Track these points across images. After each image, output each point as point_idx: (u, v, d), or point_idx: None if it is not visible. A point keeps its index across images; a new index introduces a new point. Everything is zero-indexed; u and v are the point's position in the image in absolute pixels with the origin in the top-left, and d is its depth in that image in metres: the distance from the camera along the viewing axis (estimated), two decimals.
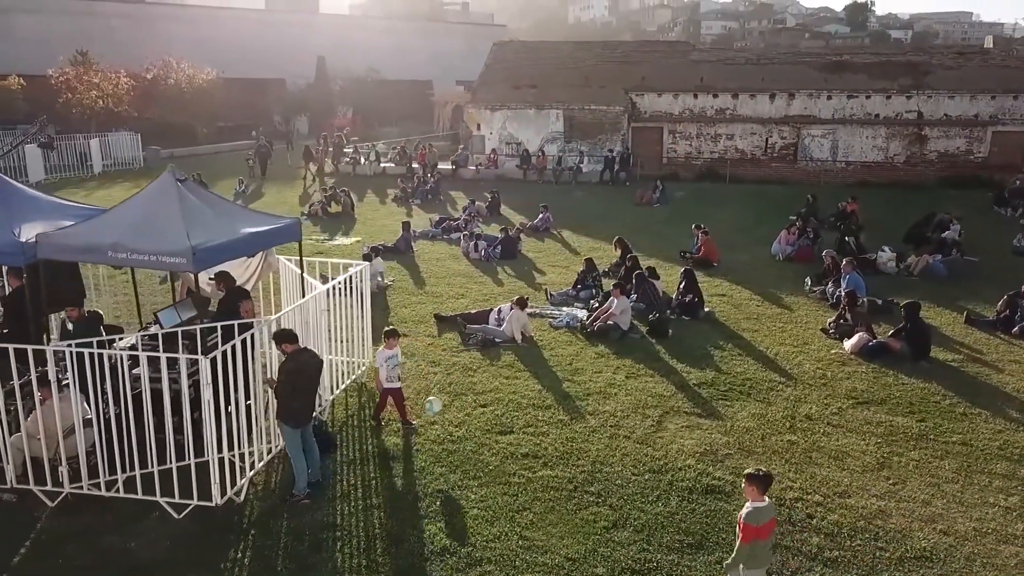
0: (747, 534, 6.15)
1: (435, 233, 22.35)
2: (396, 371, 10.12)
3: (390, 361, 10.00)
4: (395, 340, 10.22)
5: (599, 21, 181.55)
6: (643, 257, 19.53)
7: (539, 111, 36.42)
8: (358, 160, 35.62)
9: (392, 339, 10.17)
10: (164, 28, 59.72)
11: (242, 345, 8.28)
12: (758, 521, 6.16)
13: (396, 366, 10.11)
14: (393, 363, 10.04)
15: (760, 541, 6.22)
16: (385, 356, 10.02)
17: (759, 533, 6.17)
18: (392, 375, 10.07)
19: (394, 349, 10.14)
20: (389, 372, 10.02)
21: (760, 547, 6.26)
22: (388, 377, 10.05)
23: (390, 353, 10.05)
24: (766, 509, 6.25)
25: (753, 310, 15.55)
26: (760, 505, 6.21)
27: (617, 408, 10.85)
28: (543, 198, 28.57)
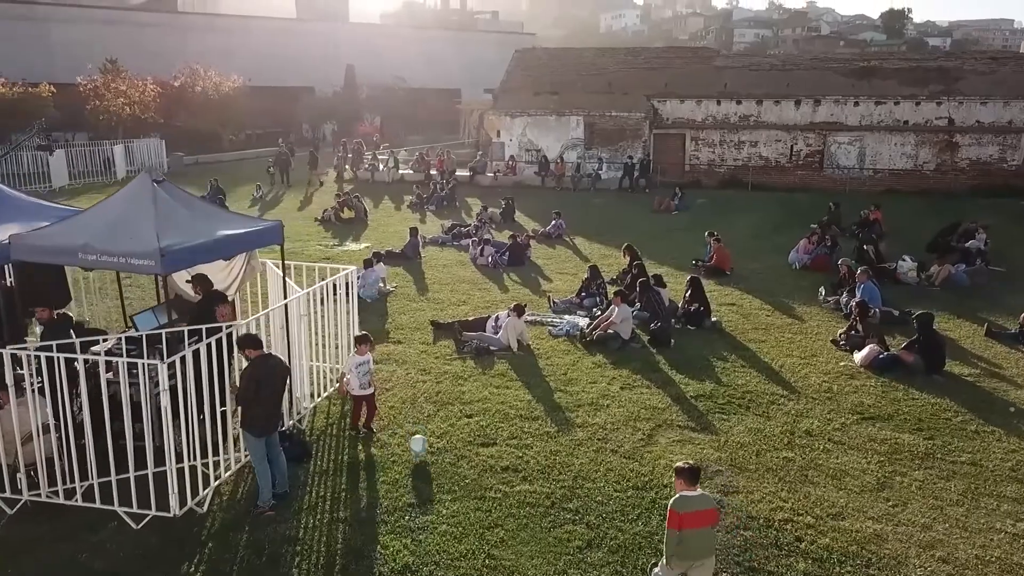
0: (671, 520, 6.33)
1: (445, 239, 22.07)
2: (367, 378, 9.84)
3: (360, 368, 9.74)
4: (366, 346, 9.94)
5: (631, 30, 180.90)
6: (655, 265, 19.17)
7: (560, 118, 36.08)
8: (376, 167, 35.53)
9: (363, 345, 9.90)
10: (196, 37, 60.41)
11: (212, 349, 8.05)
12: (682, 507, 6.32)
13: (367, 372, 9.83)
14: (364, 369, 9.76)
15: (688, 530, 6.30)
16: (356, 362, 9.76)
17: (683, 521, 6.28)
18: (364, 381, 9.79)
19: (365, 355, 9.86)
20: (360, 379, 9.75)
21: (689, 537, 6.32)
22: (361, 384, 9.77)
23: (360, 359, 9.79)
24: (695, 499, 6.41)
25: (762, 320, 15.00)
26: (688, 494, 6.40)
27: (607, 420, 10.41)
28: (560, 205, 28.24)
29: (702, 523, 6.37)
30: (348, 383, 9.89)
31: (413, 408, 10.72)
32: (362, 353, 9.84)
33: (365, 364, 9.80)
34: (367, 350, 9.92)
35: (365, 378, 9.79)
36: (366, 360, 9.84)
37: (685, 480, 6.44)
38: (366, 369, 9.80)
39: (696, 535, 6.34)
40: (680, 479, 6.49)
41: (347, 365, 9.93)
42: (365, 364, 9.80)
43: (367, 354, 9.90)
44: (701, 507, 6.40)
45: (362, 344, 9.89)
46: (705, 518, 6.39)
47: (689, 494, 6.41)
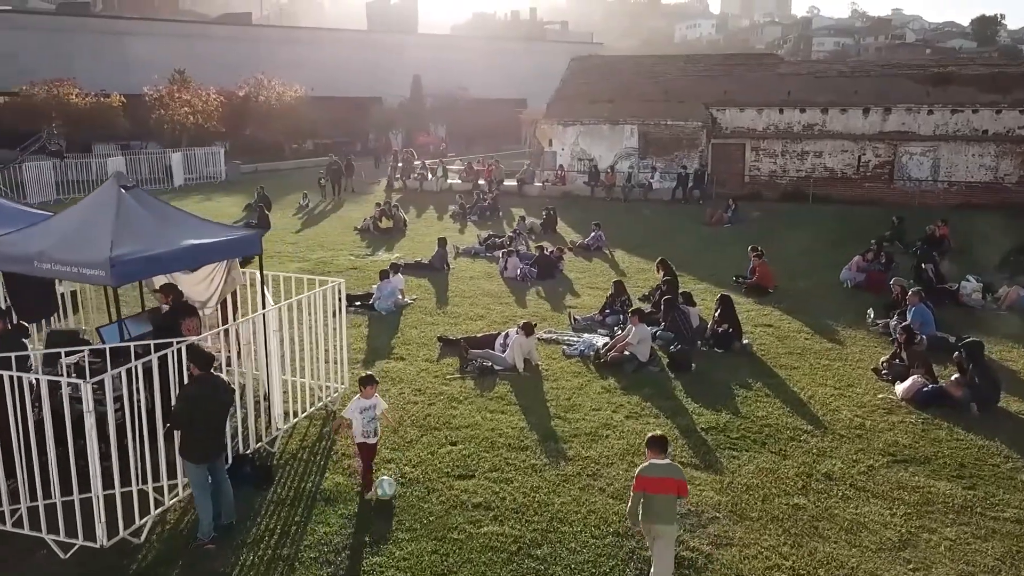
0: (636, 483, 6.75)
1: (478, 251, 21.37)
2: (373, 425, 8.42)
3: (366, 414, 8.36)
4: (372, 388, 8.49)
5: (706, 39, 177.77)
6: (693, 281, 18.11)
7: (614, 126, 35.08)
8: (425, 176, 35.16)
9: (368, 387, 8.46)
10: (267, 49, 61.56)
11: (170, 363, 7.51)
12: (646, 472, 6.71)
13: (374, 419, 8.42)
14: (369, 416, 8.37)
15: (650, 494, 6.64)
16: (360, 407, 8.38)
17: (647, 485, 6.65)
18: (368, 429, 8.39)
19: (371, 399, 8.45)
20: (365, 426, 8.37)
21: (652, 501, 6.65)
22: (365, 431, 8.40)
23: (366, 404, 8.40)
24: (661, 467, 6.76)
25: (799, 344, 13.75)
26: (656, 461, 6.79)
27: (602, 453, 9.46)
28: (608, 216, 27.35)
29: (665, 490, 6.65)
30: (350, 427, 8.51)
31: (396, 433, 9.98)
32: (367, 396, 8.44)
33: (371, 409, 8.42)
34: (373, 392, 8.53)
35: (371, 425, 8.41)
36: (372, 405, 8.46)
37: (654, 450, 6.84)
38: (372, 415, 8.42)
39: (658, 500, 6.64)
40: (650, 449, 6.89)
41: (349, 409, 8.46)
42: (371, 409, 8.42)
43: (373, 397, 8.51)
44: (665, 475, 6.70)
45: (367, 386, 8.47)
46: (668, 486, 6.67)
47: (657, 462, 6.78)
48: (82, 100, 42.95)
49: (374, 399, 8.51)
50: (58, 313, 11.89)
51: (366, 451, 8.53)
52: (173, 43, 56.43)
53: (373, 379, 8.66)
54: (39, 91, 42.43)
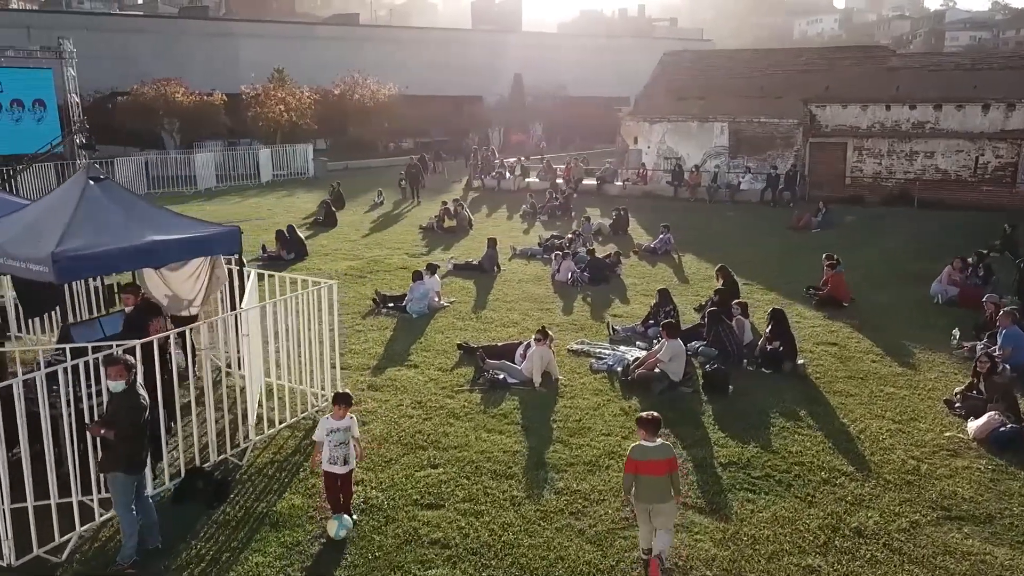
0: (627, 465, 6.79)
1: (535, 252, 20.35)
2: (342, 451, 7.39)
3: (333, 436, 7.37)
4: (343, 409, 7.45)
5: (827, 35, 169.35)
6: (763, 290, 16.60)
7: (703, 124, 33.28)
8: (503, 175, 34.37)
9: (340, 407, 7.46)
10: (371, 49, 62.34)
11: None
12: (639, 456, 6.69)
13: (342, 443, 7.40)
14: (337, 439, 7.38)
15: (642, 476, 6.65)
16: (327, 428, 7.40)
17: (638, 467, 6.65)
18: (336, 455, 7.38)
19: (342, 420, 7.45)
20: (332, 451, 7.37)
21: (644, 482, 6.66)
22: (332, 458, 7.38)
23: (334, 425, 7.41)
24: (652, 449, 6.71)
25: (864, 367, 12.07)
26: (647, 444, 6.74)
27: (596, 487, 8.31)
28: (687, 218, 25.97)
29: (656, 471, 6.64)
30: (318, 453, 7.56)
31: (376, 451, 9.14)
32: (337, 417, 7.44)
33: (339, 432, 7.41)
34: (345, 413, 7.47)
35: (339, 451, 7.37)
36: (341, 427, 7.42)
37: (646, 431, 6.78)
38: (341, 439, 7.40)
39: (649, 481, 6.64)
40: (642, 429, 6.82)
41: (318, 431, 7.53)
42: (339, 432, 7.41)
43: (345, 418, 7.46)
44: (656, 456, 6.67)
45: (339, 405, 7.47)
46: (659, 467, 6.65)
47: (648, 444, 6.73)
48: (187, 99, 44.56)
49: (346, 421, 7.47)
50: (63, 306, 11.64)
51: (330, 480, 7.49)
52: (281, 44, 57.84)
53: (347, 398, 7.61)
54: (148, 90, 44.26)
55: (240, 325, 8.81)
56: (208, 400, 8.52)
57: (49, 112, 31.12)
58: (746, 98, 32.99)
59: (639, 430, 6.92)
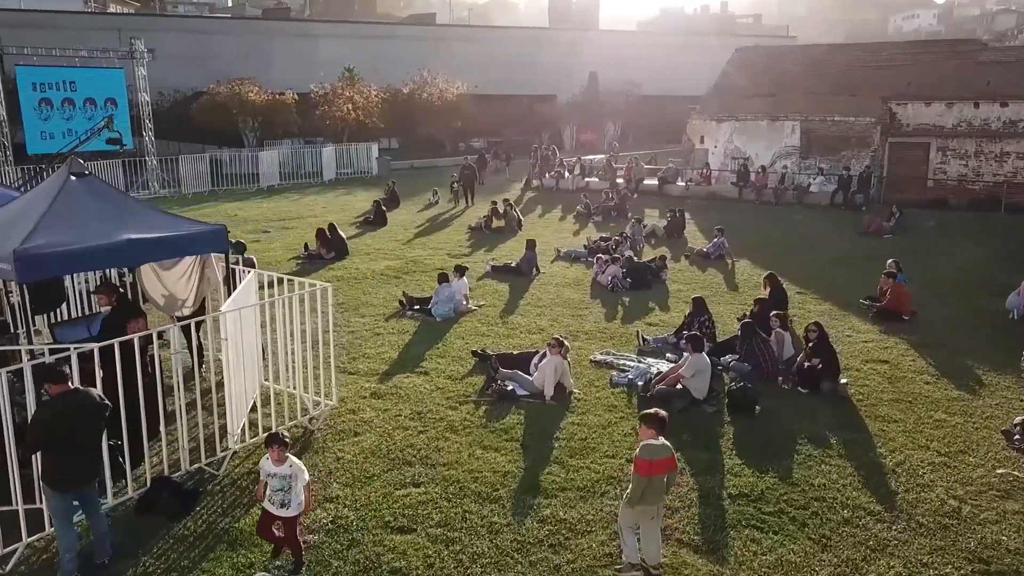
0: (641, 468, 6.44)
1: (580, 254, 19.57)
2: (279, 496, 6.61)
3: (271, 481, 6.63)
4: (277, 450, 6.54)
5: (925, 31, 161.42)
6: (817, 300, 15.52)
7: (773, 123, 31.76)
8: (562, 174, 33.59)
9: (273, 448, 6.56)
10: (445, 48, 62.46)
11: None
12: (651, 455, 6.44)
13: (282, 490, 6.60)
14: (275, 485, 6.61)
15: (655, 477, 6.44)
16: (265, 471, 6.70)
17: (652, 468, 6.42)
18: (275, 499, 6.64)
19: (280, 467, 6.57)
20: (271, 494, 6.66)
21: (655, 483, 6.46)
22: (270, 498, 6.69)
23: (271, 469, 6.62)
24: (660, 447, 6.51)
25: (915, 389, 10.90)
26: (653, 442, 6.52)
27: (584, 516, 7.57)
28: (751, 220, 24.83)
29: (663, 470, 6.53)
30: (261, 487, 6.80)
31: (360, 465, 8.62)
32: (275, 461, 6.60)
33: (277, 478, 6.60)
34: (281, 457, 6.57)
35: (278, 496, 6.62)
36: (280, 474, 6.59)
37: (655, 429, 6.56)
38: (278, 485, 6.60)
39: (657, 481, 6.49)
40: (649, 427, 6.58)
41: (262, 467, 6.80)
42: (277, 478, 6.60)
43: (285, 465, 6.60)
44: (664, 455, 6.53)
45: (272, 448, 6.58)
46: (665, 465, 6.53)
47: (653, 442, 6.53)
48: (259, 98, 45.41)
49: (285, 468, 6.58)
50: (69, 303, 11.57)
51: (266, 519, 6.75)
52: (357, 44, 58.42)
53: (279, 440, 6.63)
54: (223, 90, 45.30)
55: (223, 327, 8.38)
56: (178, 405, 8.12)
57: (120, 110, 31.99)
58: (820, 96, 31.33)
59: (645, 428, 6.62)
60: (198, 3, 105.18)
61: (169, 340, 9.52)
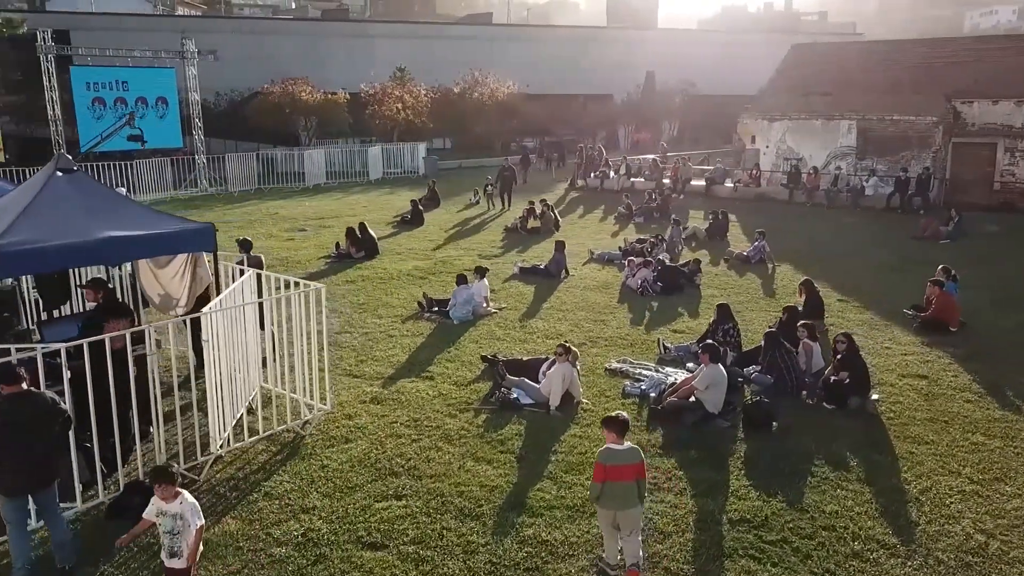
0: (596, 473, 6.37)
1: (614, 256, 18.95)
2: (171, 541, 5.83)
3: (162, 523, 5.87)
4: (168, 488, 5.82)
5: (1004, 27, 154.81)
6: (858, 309, 14.74)
7: (828, 122, 30.50)
8: (607, 174, 32.90)
9: (162, 486, 5.83)
10: (499, 47, 62.30)
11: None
12: (606, 460, 6.32)
13: (169, 532, 5.81)
14: (165, 526, 5.84)
15: (611, 483, 6.27)
16: (154, 511, 5.90)
17: (607, 473, 6.28)
18: (166, 544, 5.88)
19: (172, 504, 5.83)
20: (162, 537, 5.93)
21: (612, 488, 6.29)
22: (161, 546, 5.96)
23: (161, 507, 5.85)
24: (622, 453, 6.35)
25: (953, 407, 10.06)
26: (615, 447, 6.36)
27: (568, 538, 7.07)
28: (799, 223, 23.98)
29: (624, 477, 6.32)
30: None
31: (344, 474, 8.28)
32: (164, 498, 5.84)
33: (167, 518, 5.82)
34: (173, 495, 5.84)
35: (169, 540, 5.83)
36: (171, 512, 5.82)
37: (615, 432, 6.42)
38: (168, 526, 5.81)
39: (617, 487, 6.31)
40: (610, 431, 6.44)
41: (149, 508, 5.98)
42: (167, 518, 5.82)
43: (175, 502, 5.83)
44: (626, 461, 6.35)
45: (159, 483, 5.84)
46: (628, 472, 6.34)
47: (616, 447, 6.39)
48: (311, 97, 45.84)
49: (175, 505, 5.83)
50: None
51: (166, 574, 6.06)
52: (413, 44, 58.58)
53: (167, 475, 5.89)
54: (277, 90, 45.89)
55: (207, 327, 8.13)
56: (154, 407, 7.88)
57: (171, 109, 32.55)
58: (879, 93, 29.94)
59: (607, 432, 6.51)
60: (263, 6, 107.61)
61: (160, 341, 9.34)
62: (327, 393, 9.69)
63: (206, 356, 8.06)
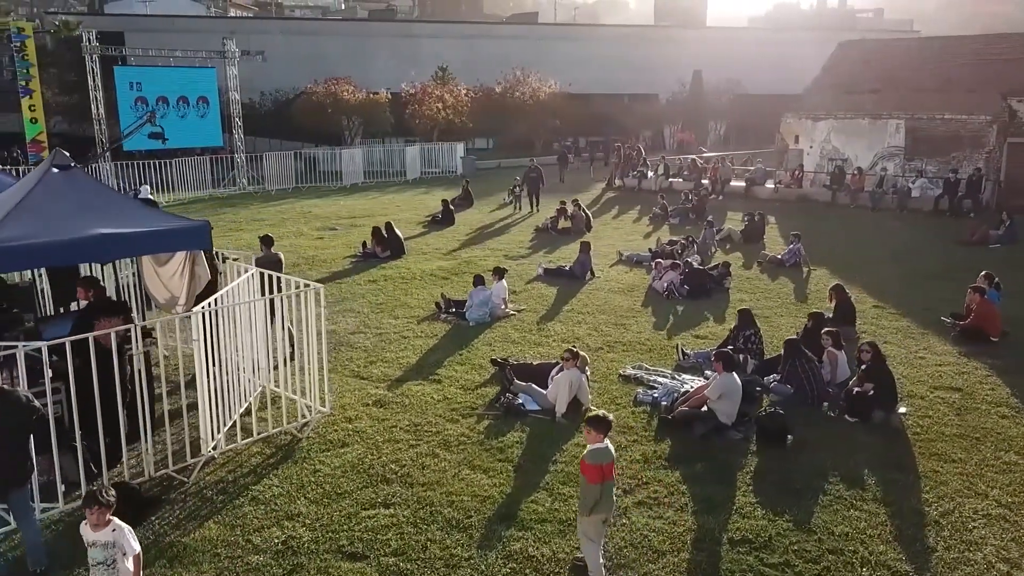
0: (594, 474, 6.05)
1: (643, 258, 18.48)
2: (101, 573, 5.37)
3: (94, 553, 5.35)
4: (101, 513, 5.30)
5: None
6: (894, 316, 14.09)
7: (875, 121, 29.50)
8: (644, 174, 32.32)
9: (94, 510, 5.29)
10: (546, 46, 61.89)
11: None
12: (603, 459, 6.12)
13: (100, 564, 5.35)
14: (95, 557, 5.35)
15: (608, 482, 6.13)
16: (88, 539, 5.39)
17: (605, 473, 6.09)
18: None
19: (102, 532, 5.32)
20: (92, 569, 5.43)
21: (608, 488, 6.16)
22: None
23: (90, 537, 5.36)
24: (606, 451, 6.19)
25: (987, 423, 9.45)
26: (599, 446, 6.17)
27: (556, 554, 6.74)
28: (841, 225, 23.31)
29: (612, 474, 6.29)
30: None
31: (335, 479, 8.06)
32: (95, 526, 5.34)
33: (97, 548, 5.34)
34: (104, 521, 5.33)
35: (99, 572, 5.37)
36: (101, 541, 5.33)
37: (602, 432, 6.21)
38: (99, 557, 5.32)
39: (609, 487, 6.22)
40: (595, 430, 6.20)
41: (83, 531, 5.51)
42: (97, 548, 5.34)
43: (107, 529, 5.34)
44: (612, 459, 6.28)
45: (90, 508, 5.31)
46: (612, 469, 6.30)
47: (599, 446, 6.20)
48: (353, 97, 46.10)
49: (106, 533, 5.32)
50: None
51: None
52: (457, 43, 58.49)
53: (97, 499, 5.28)
54: (320, 89, 46.26)
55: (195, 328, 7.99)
56: (141, 408, 7.74)
57: (211, 108, 32.97)
58: (929, 92, 28.86)
59: (593, 433, 6.17)
60: (313, 7, 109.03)
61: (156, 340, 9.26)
62: (326, 395, 9.50)
63: (195, 356, 7.92)
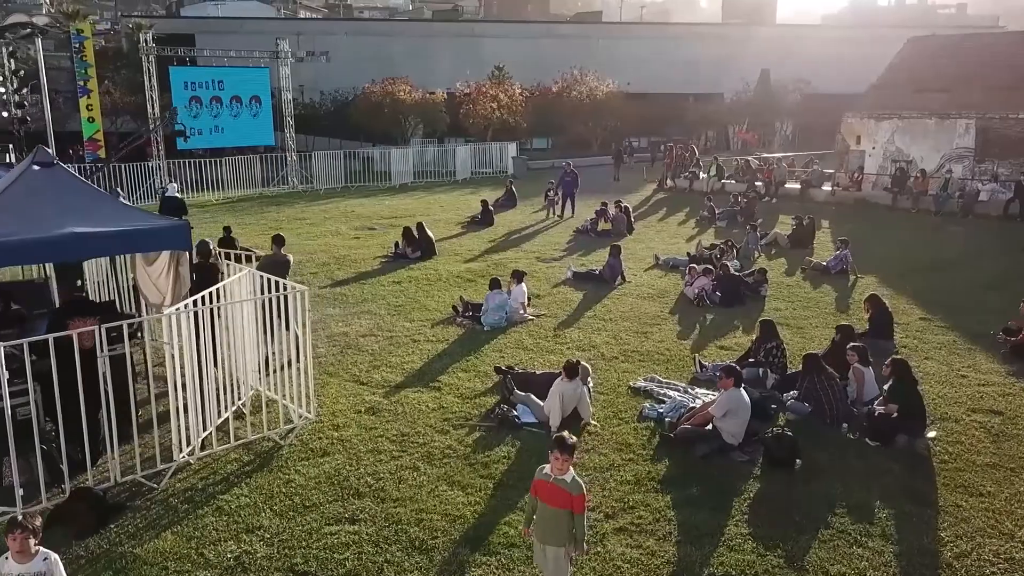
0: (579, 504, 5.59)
1: (680, 262, 17.74)
2: None
3: None
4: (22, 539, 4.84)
5: None
6: (942, 331, 13.14)
7: (943, 121, 27.93)
8: (696, 175, 31.34)
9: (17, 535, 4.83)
10: (608, 45, 61.25)
11: None
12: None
13: None
14: None
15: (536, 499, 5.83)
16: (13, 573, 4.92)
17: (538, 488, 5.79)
18: None
19: (26, 563, 4.88)
20: None
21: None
22: None
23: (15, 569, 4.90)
24: None
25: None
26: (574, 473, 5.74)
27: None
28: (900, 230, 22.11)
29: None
30: None
31: (307, 491, 7.73)
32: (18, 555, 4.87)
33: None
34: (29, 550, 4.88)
35: None
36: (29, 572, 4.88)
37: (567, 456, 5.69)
38: None
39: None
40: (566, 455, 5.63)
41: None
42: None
43: (37, 560, 4.92)
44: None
45: (12, 534, 4.85)
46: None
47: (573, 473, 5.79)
48: (408, 97, 46.27)
49: (37, 564, 4.90)
50: None
51: None
52: (519, 43, 58.34)
53: (21, 525, 4.85)
54: (377, 89, 46.59)
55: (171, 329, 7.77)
56: (105, 410, 7.53)
57: (263, 108, 33.39)
58: (1003, 90, 27.17)
59: (562, 456, 5.54)
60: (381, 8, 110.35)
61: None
62: (312, 401, 9.20)
63: (166, 358, 7.70)
